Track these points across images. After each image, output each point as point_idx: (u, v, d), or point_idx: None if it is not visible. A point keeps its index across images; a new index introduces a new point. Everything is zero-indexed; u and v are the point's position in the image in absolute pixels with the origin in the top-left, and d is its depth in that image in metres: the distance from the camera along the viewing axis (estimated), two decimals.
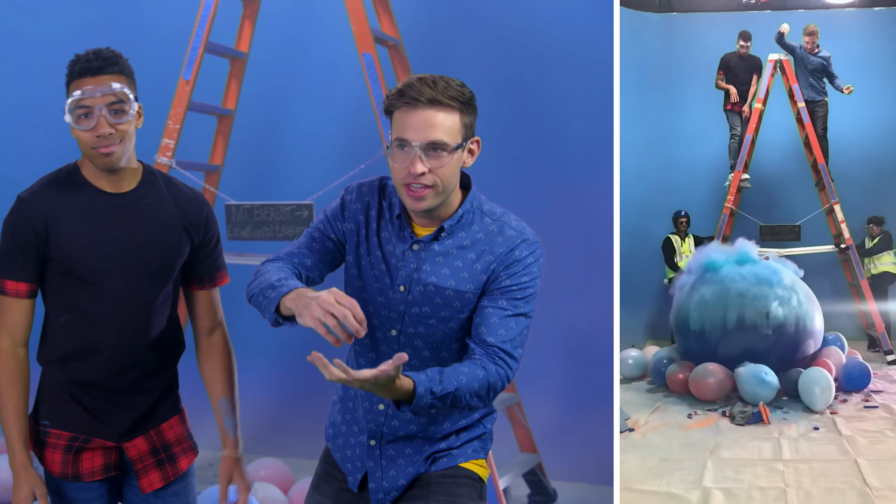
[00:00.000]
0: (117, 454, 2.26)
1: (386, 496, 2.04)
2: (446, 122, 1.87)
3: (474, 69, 5.44)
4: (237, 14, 4.84)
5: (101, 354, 2.19)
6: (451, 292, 1.94)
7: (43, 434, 2.23)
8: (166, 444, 2.31)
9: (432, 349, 1.98)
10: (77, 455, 2.22)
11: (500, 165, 5.32)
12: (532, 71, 5.37)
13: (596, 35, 4.87)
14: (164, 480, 2.30)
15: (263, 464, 4.53)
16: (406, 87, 1.87)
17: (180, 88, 4.44)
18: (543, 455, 4.83)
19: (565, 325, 5.33)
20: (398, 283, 1.96)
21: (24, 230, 2.14)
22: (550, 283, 5.44)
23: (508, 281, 1.93)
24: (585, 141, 5.15)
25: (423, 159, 1.86)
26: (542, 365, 5.29)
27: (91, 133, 2.09)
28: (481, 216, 1.99)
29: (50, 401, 2.23)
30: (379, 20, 4.73)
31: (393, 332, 1.97)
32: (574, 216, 5.33)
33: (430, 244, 1.96)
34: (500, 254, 1.95)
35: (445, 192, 1.91)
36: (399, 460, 2.03)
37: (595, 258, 4.92)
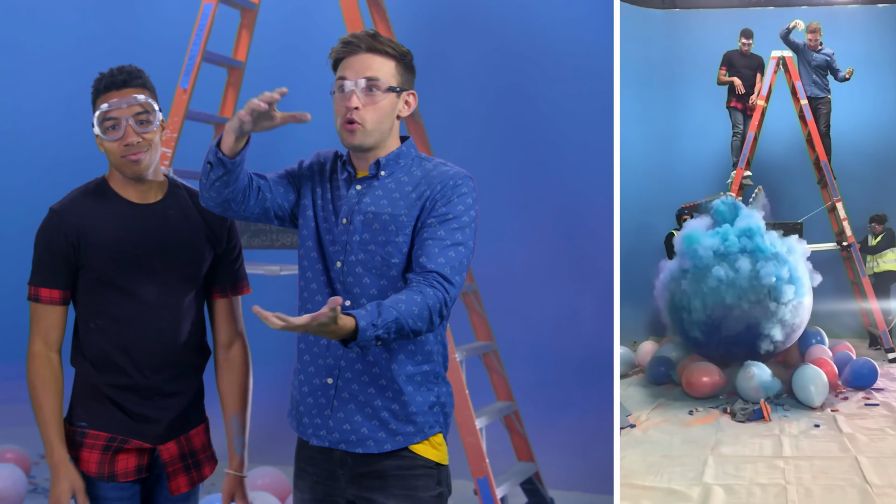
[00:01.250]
0: (150, 457, 2.32)
1: (327, 434, 2.14)
2: (383, 66, 2.11)
3: (474, 75, 5.47)
4: (234, 23, 4.86)
5: (132, 356, 2.27)
6: (386, 216, 2.11)
7: (80, 435, 2.30)
8: (193, 451, 2.39)
9: (372, 276, 2.11)
10: (114, 455, 2.28)
11: (501, 164, 5.34)
12: (532, 69, 5.38)
13: (596, 31, 4.87)
14: (191, 485, 2.38)
15: (261, 472, 4.58)
16: (348, 37, 2.13)
17: (178, 97, 4.45)
18: (541, 464, 4.84)
19: (566, 323, 5.34)
20: (342, 216, 2.14)
21: (57, 240, 2.25)
22: (551, 281, 5.49)
23: (444, 209, 2.10)
24: (586, 138, 5.15)
25: (358, 95, 2.08)
26: (539, 368, 5.30)
27: (119, 143, 2.24)
28: (420, 162, 2.20)
29: (86, 403, 2.31)
30: (375, 27, 4.75)
31: (338, 263, 2.13)
32: (574, 213, 5.34)
33: (371, 181, 2.15)
34: (434, 185, 2.12)
35: (378, 130, 2.12)
36: (350, 405, 2.12)
37: (596, 255, 4.93)
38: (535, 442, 4.85)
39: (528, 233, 5.35)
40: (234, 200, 2.12)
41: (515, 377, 4.87)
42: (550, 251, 5.42)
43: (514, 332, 5.08)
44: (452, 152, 5.29)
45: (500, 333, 4.88)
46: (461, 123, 5.54)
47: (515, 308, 5.23)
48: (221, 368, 2.47)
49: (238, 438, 2.45)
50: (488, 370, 4.84)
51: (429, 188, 2.12)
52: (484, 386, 4.83)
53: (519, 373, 4.97)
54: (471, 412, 4.19)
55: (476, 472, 4.16)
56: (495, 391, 4.87)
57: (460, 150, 5.47)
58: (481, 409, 4.52)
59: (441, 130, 5.01)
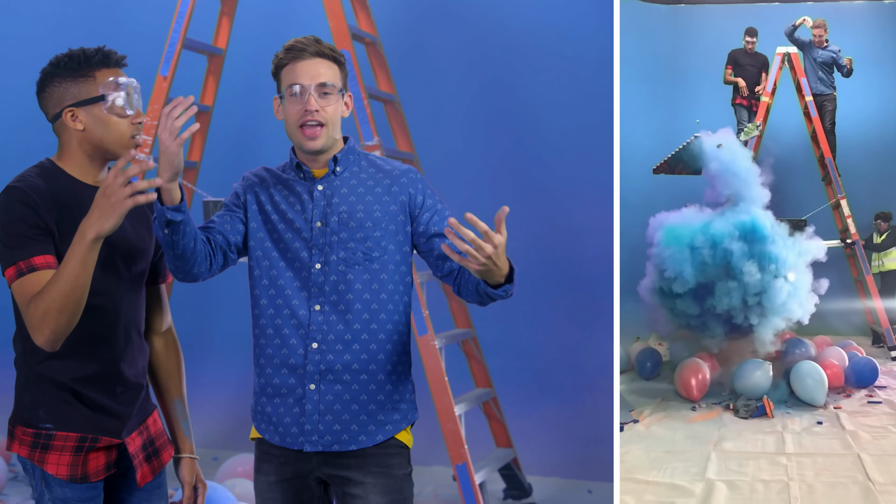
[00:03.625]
0: (117, 451, 2.27)
1: (320, 439, 2.18)
2: (330, 70, 2.23)
3: (456, 66, 5.45)
4: (215, 10, 4.87)
5: (100, 347, 2.20)
6: (361, 214, 2.22)
7: (46, 437, 2.18)
8: (152, 438, 2.35)
9: (356, 271, 2.20)
10: (86, 455, 2.20)
11: (500, 163, 5.34)
12: (532, 66, 5.38)
13: (596, 28, 4.86)
14: (153, 473, 2.33)
15: (241, 460, 4.64)
16: (292, 44, 2.23)
17: (158, 85, 4.45)
18: (519, 450, 4.85)
19: (566, 322, 5.35)
20: (315, 220, 2.22)
21: (29, 212, 2.07)
22: (552, 279, 5.48)
23: (430, 201, 2.27)
24: (586, 135, 5.16)
25: (315, 98, 2.19)
26: (519, 356, 5.31)
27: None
28: (364, 155, 2.33)
29: (49, 402, 2.18)
30: (356, 17, 4.76)
31: (318, 265, 2.21)
32: (575, 211, 5.34)
33: (332, 181, 2.25)
34: (404, 184, 2.27)
35: (333, 132, 2.23)
36: (336, 405, 2.18)
37: (597, 253, 4.93)
38: (514, 428, 4.87)
39: (519, 227, 5.34)
40: (198, 265, 2.13)
41: (494, 364, 4.89)
42: (551, 248, 5.42)
43: (491, 319, 5.06)
44: (435, 147, 5.31)
45: (479, 321, 4.89)
46: (444, 117, 5.54)
47: (516, 306, 5.24)
48: (160, 355, 2.41)
49: (185, 422, 2.42)
50: (467, 357, 4.88)
51: (398, 187, 2.27)
52: (463, 373, 4.86)
53: (498, 360, 5.00)
54: (450, 399, 4.21)
55: (455, 459, 4.18)
56: (474, 378, 4.90)
57: (444, 145, 5.48)
58: (460, 395, 4.53)
59: (422, 124, 5.01)
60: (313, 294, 2.19)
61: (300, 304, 2.19)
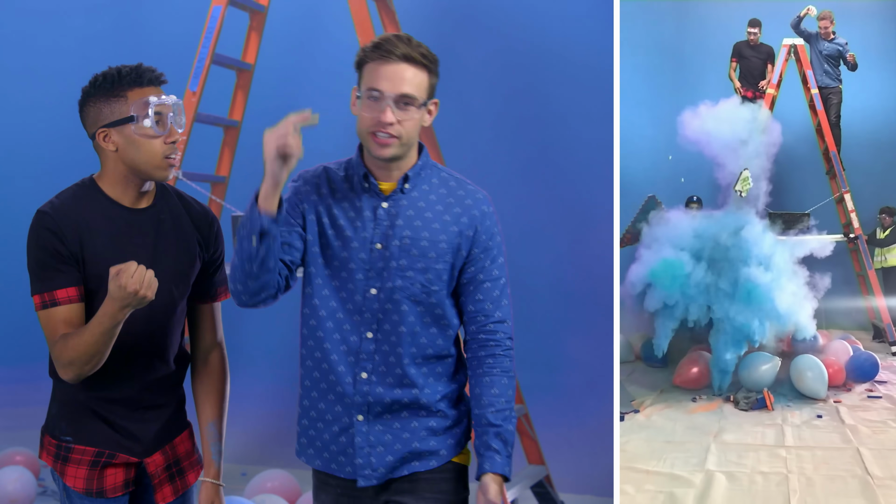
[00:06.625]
0: (137, 469, 2.26)
1: (373, 472, 2.08)
2: (416, 78, 2.02)
3: (483, 74, 5.45)
4: (244, 25, 4.85)
5: (126, 368, 2.19)
6: (425, 242, 2.05)
7: (65, 450, 2.22)
8: (178, 459, 2.33)
9: (410, 303, 2.06)
10: (102, 471, 2.21)
11: (501, 161, 5.33)
12: (539, 67, 5.38)
13: (599, 25, 4.85)
14: (175, 494, 2.31)
15: (270, 475, 4.55)
16: (382, 41, 2.02)
17: (187, 100, 4.44)
18: (551, 467, 4.81)
19: (565, 321, 5.34)
20: (375, 241, 2.05)
21: (54, 241, 2.10)
22: (553, 278, 5.47)
23: (490, 242, 2.11)
24: (587, 133, 5.16)
25: (393, 110, 1.99)
26: (547, 369, 5.28)
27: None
28: (437, 170, 2.15)
29: (71, 416, 2.21)
30: (385, 30, 4.73)
31: (373, 290, 2.06)
32: (575, 209, 5.33)
33: (399, 200, 2.07)
34: (467, 206, 2.10)
35: (408, 144, 2.04)
36: (387, 435, 2.08)
37: (598, 250, 4.92)
38: (546, 445, 4.83)
39: (534, 235, 5.32)
40: (277, 284, 2.02)
41: (525, 380, 4.84)
42: (551, 247, 5.40)
43: (522, 336, 5.05)
44: (461, 153, 5.30)
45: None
46: (470, 124, 5.53)
47: (524, 312, 5.23)
48: (200, 375, 2.38)
49: (215, 445, 2.35)
50: None
51: (467, 218, 2.09)
52: None
53: (528, 376, 4.95)
54: None
55: None
56: None
57: (469, 151, 5.47)
58: None
59: (449, 131, 5.00)
60: (365, 320, 2.05)
61: (351, 330, 2.06)
